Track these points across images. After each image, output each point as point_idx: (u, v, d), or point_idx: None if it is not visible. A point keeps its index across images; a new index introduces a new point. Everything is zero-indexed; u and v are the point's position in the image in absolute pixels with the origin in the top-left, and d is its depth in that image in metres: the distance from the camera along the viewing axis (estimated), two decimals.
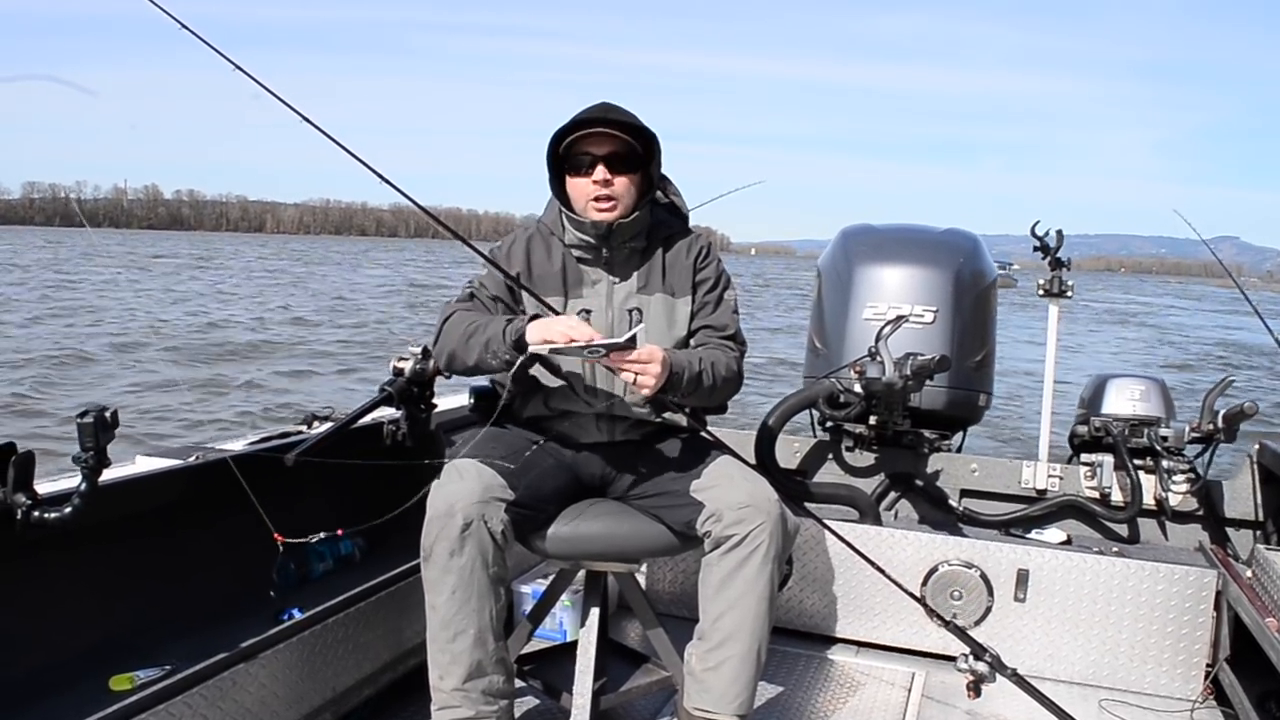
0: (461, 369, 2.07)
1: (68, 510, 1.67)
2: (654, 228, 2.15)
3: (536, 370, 2.06)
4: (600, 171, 2.03)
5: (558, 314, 1.97)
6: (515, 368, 1.91)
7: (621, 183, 2.05)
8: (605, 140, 2.03)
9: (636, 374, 1.83)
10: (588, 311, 2.07)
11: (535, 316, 1.93)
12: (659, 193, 2.22)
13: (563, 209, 2.12)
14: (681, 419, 2.12)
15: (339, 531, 2.31)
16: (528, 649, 2.35)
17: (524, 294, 2.07)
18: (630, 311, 2.08)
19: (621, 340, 1.82)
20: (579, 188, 2.07)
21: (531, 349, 1.87)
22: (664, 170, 2.23)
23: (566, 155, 2.07)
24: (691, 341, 2.13)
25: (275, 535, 2.12)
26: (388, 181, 2.04)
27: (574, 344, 1.81)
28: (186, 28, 2.05)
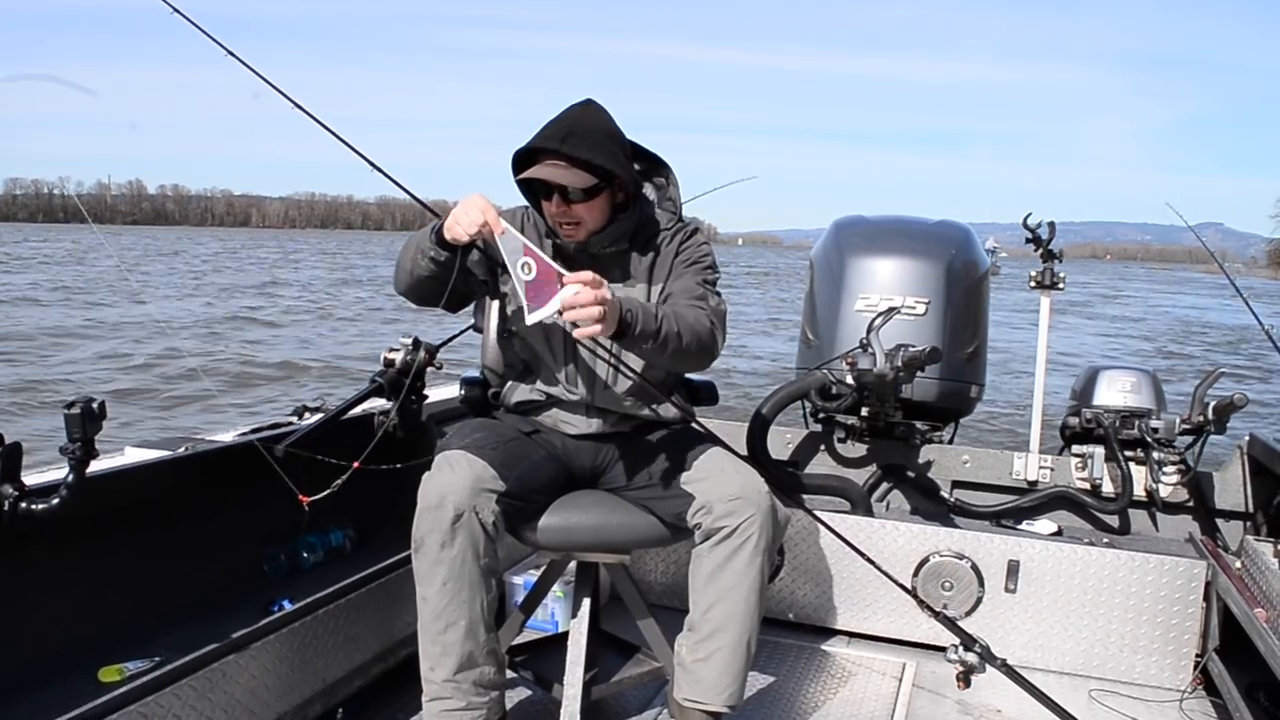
0: (405, 282, 1.98)
1: (55, 501, 1.66)
2: (641, 227, 2.08)
3: (524, 348, 2.03)
4: (557, 202, 1.96)
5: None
6: (452, 258, 1.84)
7: (581, 209, 1.97)
8: (560, 171, 1.92)
9: (577, 309, 1.67)
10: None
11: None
12: (660, 179, 2.17)
13: (541, 217, 2.07)
14: (671, 410, 2.11)
15: (355, 465, 2.21)
16: (519, 640, 2.35)
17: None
18: None
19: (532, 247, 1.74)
20: (545, 208, 2.01)
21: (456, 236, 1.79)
22: (664, 160, 2.19)
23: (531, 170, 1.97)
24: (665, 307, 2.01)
25: (301, 497, 2.10)
26: (381, 170, 2.03)
27: (505, 239, 1.73)
28: (178, 11, 2.04)
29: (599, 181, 1.95)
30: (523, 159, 1.98)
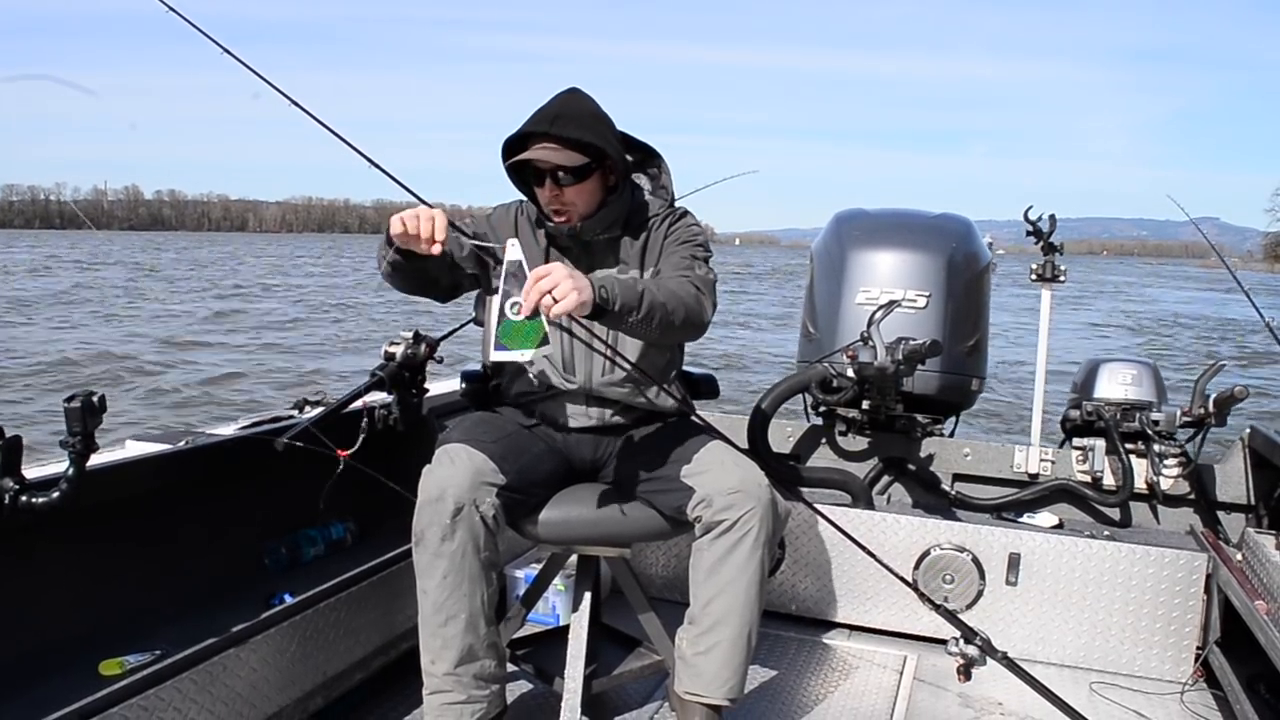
0: (383, 274, 1.96)
1: (55, 495, 1.66)
2: (633, 212, 2.10)
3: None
4: (549, 186, 1.97)
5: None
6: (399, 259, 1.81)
7: (572, 193, 1.98)
8: (551, 153, 1.94)
9: (544, 294, 1.62)
10: None
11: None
12: (652, 170, 2.18)
13: (535, 207, 2.08)
14: (670, 402, 2.11)
15: (343, 454, 2.21)
16: (520, 633, 2.35)
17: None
18: None
19: (500, 252, 1.67)
20: (538, 195, 2.02)
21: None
22: (656, 150, 2.20)
23: (523, 161, 1.98)
24: None
25: (339, 451, 2.10)
26: (378, 166, 2.02)
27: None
28: (174, 10, 2.03)
29: (589, 161, 1.96)
30: (512, 150, 1.99)
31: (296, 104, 2.02)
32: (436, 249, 1.76)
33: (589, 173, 1.98)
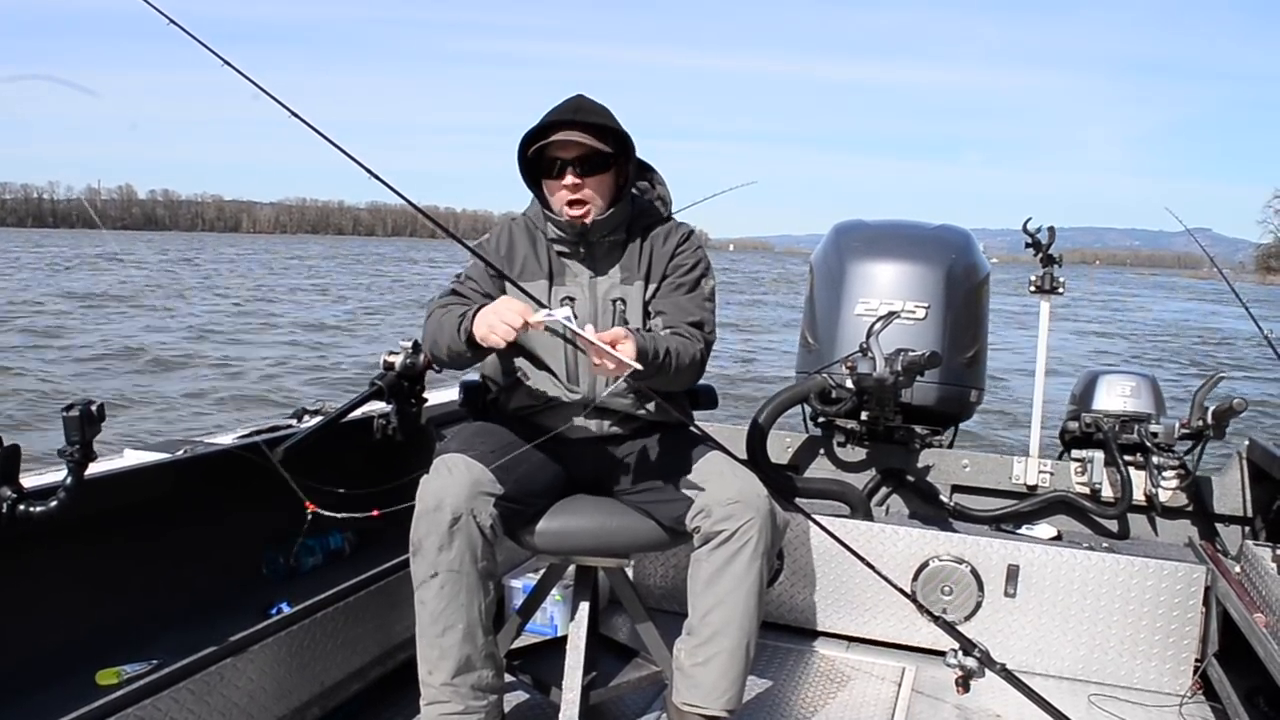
0: (440, 360, 2.05)
1: (53, 504, 1.66)
2: (635, 218, 2.13)
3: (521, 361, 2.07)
4: (570, 176, 2.01)
5: (541, 304, 1.92)
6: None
7: (592, 184, 2.02)
8: (573, 143, 1.98)
9: (613, 360, 1.72)
10: (571, 299, 2.07)
11: (481, 306, 1.87)
12: (644, 183, 2.21)
13: (543, 207, 2.11)
14: (670, 411, 2.11)
15: (375, 513, 2.26)
16: (518, 644, 2.34)
17: (508, 285, 2.06)
18: (614, 301, 2.07)
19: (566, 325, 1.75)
20: (552, 189, 2.05)
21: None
22: (649, 164, 2.22)
23: (538, 156, 2.04)
24: (658, 321, 2.07)
25: (307, 504, 2.12)
26: (379, 179, 2.02)
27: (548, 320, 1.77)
28: (175, 23, 2.03)
29: (612, 152, 2.01)
30: (531, 144, 2.02)
31: (296, 115, 2.02)
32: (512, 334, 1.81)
33: (610, 164, 2.03)
